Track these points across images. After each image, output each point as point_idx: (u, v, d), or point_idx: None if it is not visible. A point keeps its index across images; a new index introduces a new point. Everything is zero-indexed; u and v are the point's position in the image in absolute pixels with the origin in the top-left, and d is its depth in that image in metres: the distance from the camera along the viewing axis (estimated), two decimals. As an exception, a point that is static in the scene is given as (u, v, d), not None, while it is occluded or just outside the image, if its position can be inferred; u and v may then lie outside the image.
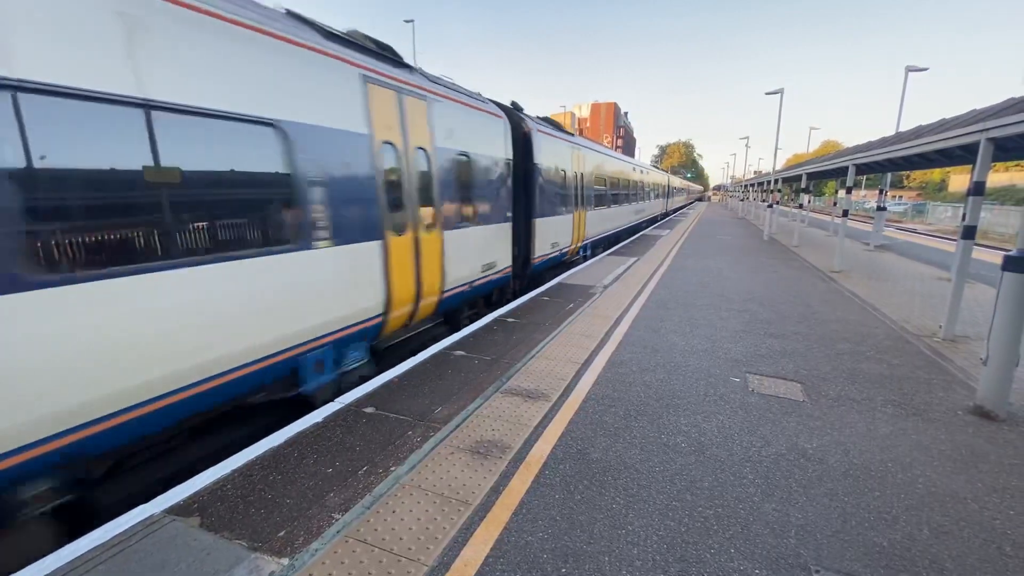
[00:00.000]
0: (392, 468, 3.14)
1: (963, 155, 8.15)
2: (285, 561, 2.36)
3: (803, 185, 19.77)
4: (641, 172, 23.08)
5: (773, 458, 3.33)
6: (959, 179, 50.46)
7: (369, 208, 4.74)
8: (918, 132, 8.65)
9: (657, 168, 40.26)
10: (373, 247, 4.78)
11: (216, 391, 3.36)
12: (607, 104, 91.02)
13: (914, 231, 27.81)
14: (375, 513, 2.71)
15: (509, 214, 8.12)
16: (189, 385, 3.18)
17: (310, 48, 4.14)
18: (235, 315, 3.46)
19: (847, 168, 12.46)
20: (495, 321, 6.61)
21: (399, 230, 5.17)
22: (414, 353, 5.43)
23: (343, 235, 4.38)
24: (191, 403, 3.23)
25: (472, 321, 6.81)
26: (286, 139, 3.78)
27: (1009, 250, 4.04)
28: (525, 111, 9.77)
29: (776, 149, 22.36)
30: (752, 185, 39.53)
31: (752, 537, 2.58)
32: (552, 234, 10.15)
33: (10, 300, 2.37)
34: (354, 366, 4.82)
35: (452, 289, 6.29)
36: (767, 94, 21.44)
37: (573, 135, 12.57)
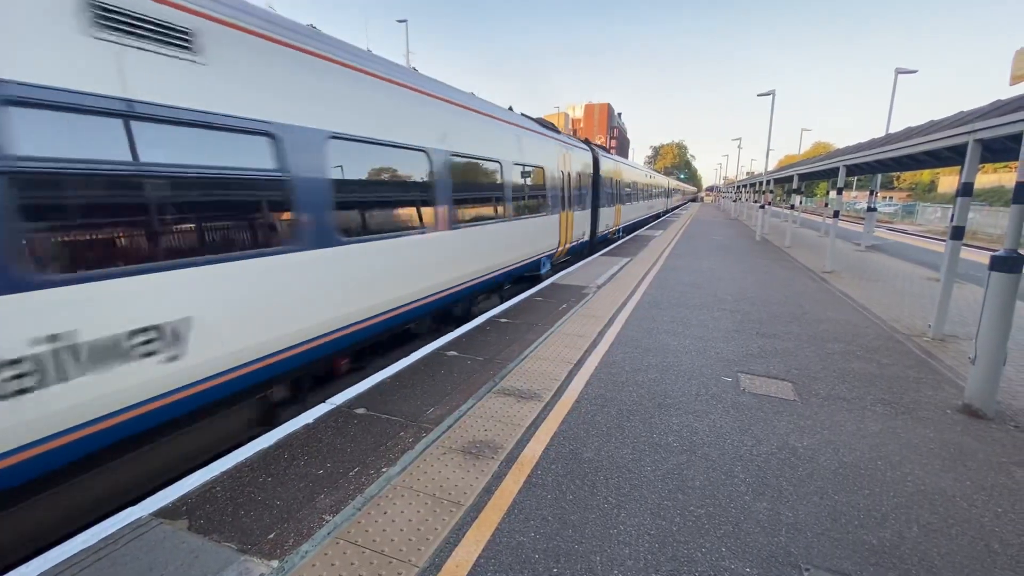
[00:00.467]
0: (384, 469, 3.13)
1: (951, 156, 8.24)
2: (275, 563, 2.34)
3: (795, 186, 19.87)
4: (651, 177, 31.22)
5: (764, 457, 3.35)
6: (948, 180, 51.04)
7: (558, 200, 10.65)
8: (907, 134, 8.73)
9: (659, 173, 46.16)
10: (557, 217, 10.62)
11: (523, 267, 8.81)
12: (601, 105, 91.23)
13: (904, 232, 28.11)
14: (366, 514, 2.70)
15: (590, 205, 14.07)
16: (518, 262, 8.49)
17: (544, 135, 9.97)
18: (526, 239, 8.79)
19: (838, 169, 12.57)
20: (488, 321, 6.60)
21: (562, 209, 10.95)
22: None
23: (552, 211, 10.21)
24: (518, 270, 8.61)
25: (569, 265, 12.08)
26: (544, 173, 9.67)
27: (997, 250, 4.09)
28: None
29: (768, 150, 22.47)
30: (744, 186, 39.75)
31: (743, 536, 2.59)
32: (606, 218, 16.24)
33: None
34: (549, 269, 10.70)
35: (573, 242, 12.31)
36: (759, 96, 21.57)
37: (612, 154, 19.40)
